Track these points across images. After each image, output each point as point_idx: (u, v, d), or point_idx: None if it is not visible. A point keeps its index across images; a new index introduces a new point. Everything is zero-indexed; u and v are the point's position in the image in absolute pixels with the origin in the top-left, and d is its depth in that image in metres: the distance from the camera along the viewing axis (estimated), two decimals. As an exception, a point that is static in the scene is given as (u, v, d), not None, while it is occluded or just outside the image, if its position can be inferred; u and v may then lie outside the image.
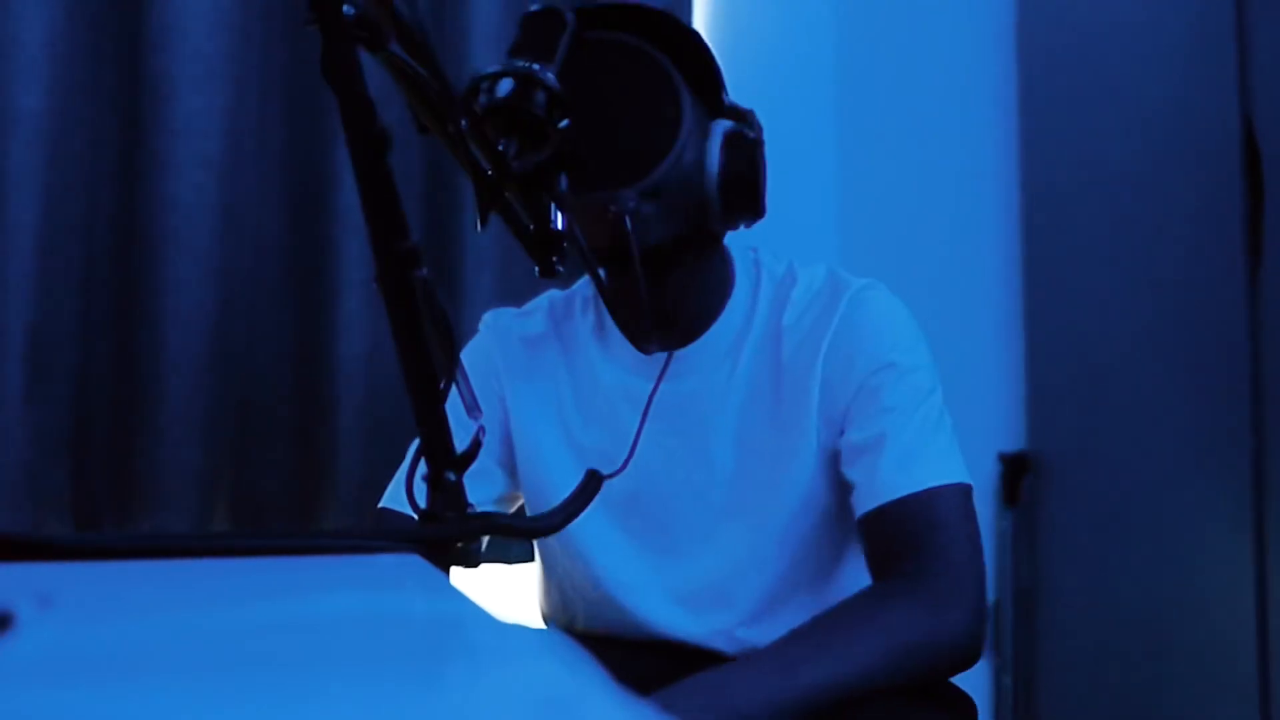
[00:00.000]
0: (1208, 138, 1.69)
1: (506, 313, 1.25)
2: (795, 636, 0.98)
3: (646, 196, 1.01)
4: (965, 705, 1.11)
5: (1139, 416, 1.81)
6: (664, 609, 1.13)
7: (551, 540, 1.19)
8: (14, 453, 1.46)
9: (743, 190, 1.05)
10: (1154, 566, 1.78)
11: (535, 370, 1.19)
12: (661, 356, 1.11)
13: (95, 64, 1.55)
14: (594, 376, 1.16)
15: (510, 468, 1.20)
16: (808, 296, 1.11)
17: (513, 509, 1.25)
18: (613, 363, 1.15)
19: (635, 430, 1.09)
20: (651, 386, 1.11)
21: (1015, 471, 2.05)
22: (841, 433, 1.07)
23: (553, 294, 1.25)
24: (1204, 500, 1.69)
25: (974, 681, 1.98)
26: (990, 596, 2.06)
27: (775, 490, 1.10)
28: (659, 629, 1.14)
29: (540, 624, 1.29)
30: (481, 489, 1.16)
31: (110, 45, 1.56)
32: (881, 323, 1.08)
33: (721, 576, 1.12)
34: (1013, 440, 2.08)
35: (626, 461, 1.04)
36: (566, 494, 1.13)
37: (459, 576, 0.74)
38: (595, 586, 1.16)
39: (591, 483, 0.81)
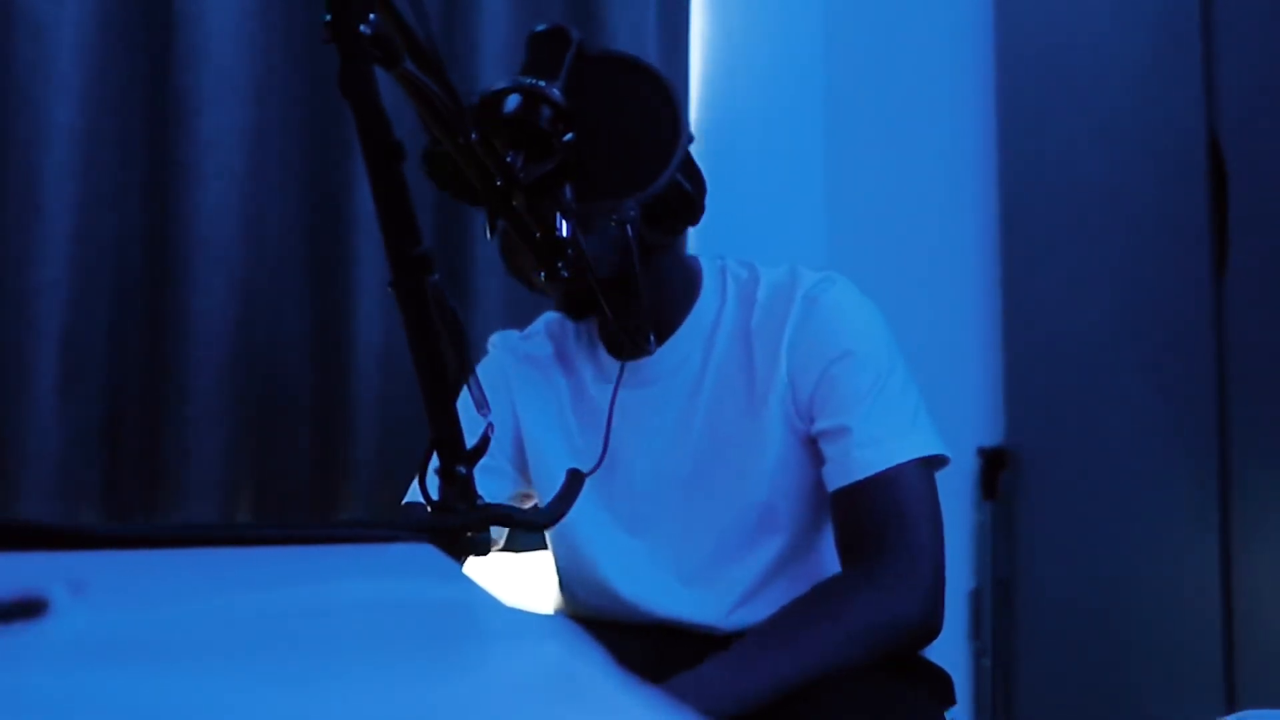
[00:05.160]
0: (1176, 148, 1.69)
1: (512, 335, 1.29)
2: (758, 633, 1.00)
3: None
4: (941, 680, 1.12)
5: (1112, 413, 1.81)
6: (659, 593, 1.15)
7: (557, 537, 1.21)
8: (48, 447, 1.45)
9: (682, 200, 1.05)
10: (1126, 556, 1.78)
11: (539, 384, 1.22)
12: (637, 365, 1.13)
13: (126, 81, 1.55)
14: (585, 388, 1.19)
15: (522, 468, 1.23)
16: (770, 295, 1.12)
17: (527, 505, 1.26)
18: (599, 375, 1.18)
19: (618, 436, 1.13)
20: (630, 394, 1.14)
21: (993, 465, 2.05)
22: (812, 421, 1.09)
23: (548, 316, 1.28)
24: (1173, 493, 1.69)
25: (955, 664, 1.98)
26: (970, 584, 2.07)
27: (750, 478, 1.12)
28: (656, 611, 1.15)
29: (550, 610, 1.30)
30: (497, 486, 1.19)
31: (140, 64, 1.56)
32: (835, 315, 1.09)
33: (708, 560, 1.14)
34: (991, 435, 2.08)
35: (600, 461, 1.08)
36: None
37: (471, 565, 0.74)
38: (596, 576, 1.17)
39: (575, 480, 0.83)
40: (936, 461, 1.09)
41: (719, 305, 1.15)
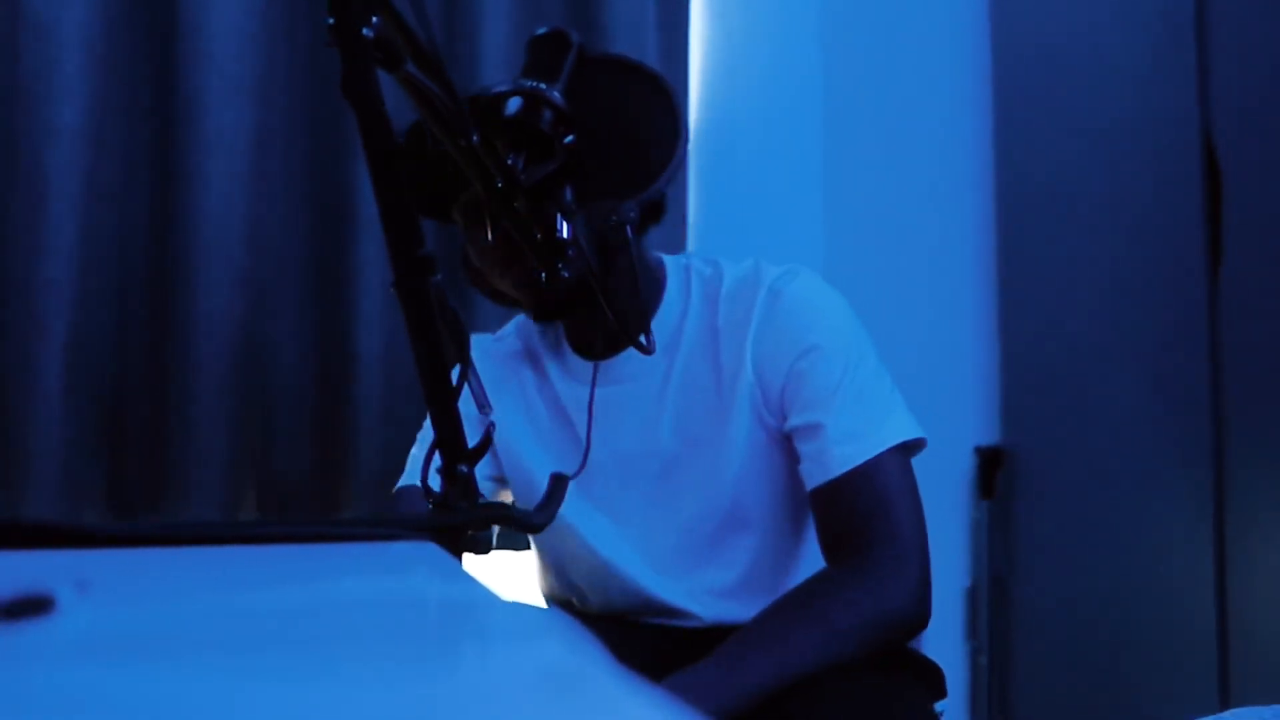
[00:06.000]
0: (1171, 149, 1.69)
1: (485, 337, 1.30)
2: (749, 632, 0.99)
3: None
4: (931, 672, 1.12)
5: (1107, 412, 1.81)
6: (647, 575, 1.16)
7: (552, 530, 1.21)
8: (52, 446, 1.46)
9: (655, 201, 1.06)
10: (1120, 554, 1.78)
11: (511, 381, 1.23)
12: (605, 364, 1.14)
13: (130, 83, 1.55)
14: (553, 386, 1.20)
15: (494, 454, 1.24)
16: (734, 291, 1.12)
17: (505, 489, 1.28)
18: (566, 374, 1.19)
19: (586, 432, 1.14)
20: (597, 391, 1.14)
21: (990, 464, 2.05)
22: (784, 417, 1.08)
23: (519, 318, 1.28)
24: (1168, 491, 1.69)
25: (951, 661, 1.98)
26: (966, 583, 2.07)
27: (718, 476, 1.12)
28: (647, 591, 1.15)
29: (543, 604, 1.31)
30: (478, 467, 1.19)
31: (144, 66, 1.56)
32: (799, 308, 1.08)
33: (679, 556, 1.15)
34: (988, 434, 2.08)
35: (583, 465, 1.09)
36: (542, 484, 1.16)
37: (471, 563, 0.74)
38: (592, 557, 1.18)
39: (559, 484, 0.84)
40: (914, 446, 1.07)
41: (684, 303, 1.14)
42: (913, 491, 1.05)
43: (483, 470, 1.22)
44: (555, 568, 1.25)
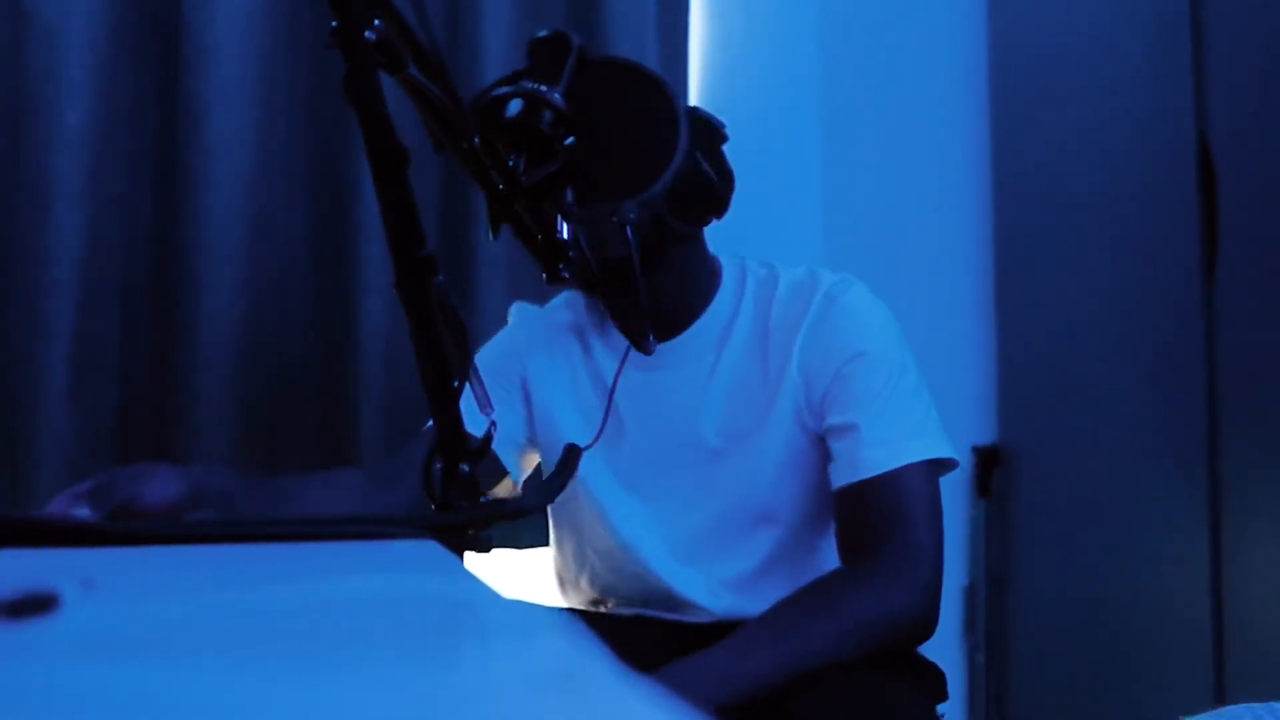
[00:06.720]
0: (1166, 151, 1.69)
1: (532, 307, 1.31)
2: (759, 623, 1.00)
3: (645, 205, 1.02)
4: (934, 675, 1.12)
5: (1104, 411, 1.81)
6: (665, 562, 1.16)
7: (572, 501, 1.21)
8: (59, 446, 1.45)
9: (702, 189, 1.06)
10: (1117, 553, 1.78)
11: (555, 349, 1.24)
12: (653, 348, 1.13)
13: (135, 85, 1.55)
14: (596, 359, 1.21)
15: (530, 431, 1.24)
16: (788, 294, 1.13)
17: (530, 467, 1.29)
18: (609, 350, 1.20)
19: (625, 412, 1.15)
20: (642, 375, 1.16)
21: (987, 463, 2.05)
22: (823, 419, 1.09)
23: (567, 293, 1.29)
24: (1164, 490, 1.69)
25: (949, 659, 1.98)
26: (964, 581, 2.07)
27: (754, 473, 1.13)
28: (661, 579, 1.16)
29: (554, 590, 1.32)
30: (506, 454, 1.21)
31: (149, 68, 1.56)
32: (852, 315, 1.10)
33: (703, 545, 1.15)
34: (985, 434, 2.08)
35: (598, 435, 1.11)
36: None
37: (472, 561, 0.74)
38: (611, 538, 1.19)
39: (571, 455, 0.84)
40: (944, 465, 1.09)
41: (736, 300, 1.16)
42: (934, 505, 1.06)
43: (510, 432, 1.22)
44: (573, 544, 1.25)
